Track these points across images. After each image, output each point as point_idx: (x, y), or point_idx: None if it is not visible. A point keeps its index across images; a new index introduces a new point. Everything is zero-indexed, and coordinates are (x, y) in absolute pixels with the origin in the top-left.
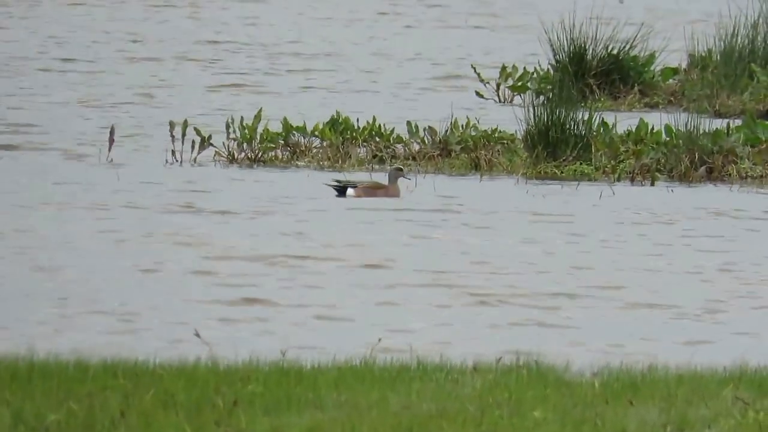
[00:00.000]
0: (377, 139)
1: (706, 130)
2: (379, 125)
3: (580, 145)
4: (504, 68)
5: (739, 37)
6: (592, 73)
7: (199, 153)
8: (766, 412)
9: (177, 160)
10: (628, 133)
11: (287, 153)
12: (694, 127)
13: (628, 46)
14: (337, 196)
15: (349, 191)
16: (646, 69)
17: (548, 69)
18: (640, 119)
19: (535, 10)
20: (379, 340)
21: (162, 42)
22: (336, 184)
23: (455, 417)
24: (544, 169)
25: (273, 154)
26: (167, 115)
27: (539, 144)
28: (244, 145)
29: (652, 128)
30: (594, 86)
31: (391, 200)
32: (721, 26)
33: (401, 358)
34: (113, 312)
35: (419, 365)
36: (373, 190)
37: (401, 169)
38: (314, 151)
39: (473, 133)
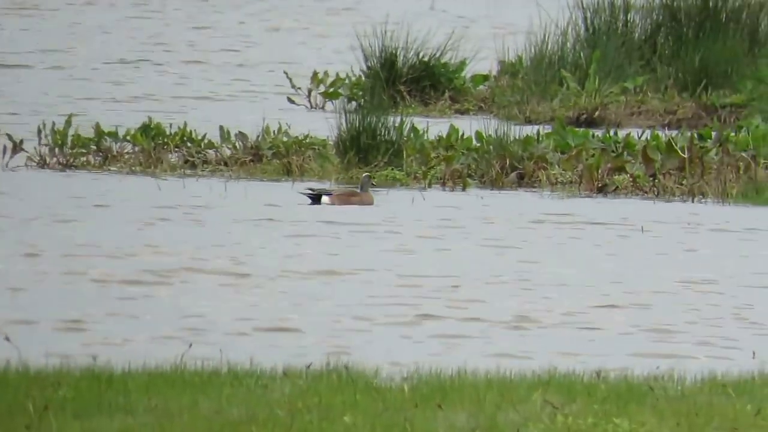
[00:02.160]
0: (189, 144)
1: (517, 137)
2: (191, 131)
3: (391, 151)
4: (315, 74)
5: (549, 44)
6: (403, 79)
7: (11, 158)
8: (575, 416)
9: None
10: (439, 139)
11: (99, 158)
12: (504, 133)
13: (439, 53)
14: (311, 204)
15: (324, 199)
16: (456, 75)
17: (360, 75)
18: (451, 125)
19: (346, 17)
20: (190, 345)
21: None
22: (310, 192)
23: (265, 422)
24: (355, 175)
25: (85, 159)
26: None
27: (350, 150)
28: (56, 150)
29: (463, 134)
30: (405, 92)
31: (367, 207)
32: (532, 33)
33: (211, 363)
34: None
35: (230, 370)
36: (348, 197)
37: (371, 177)
38: (126, 156)
39: (285, 139)
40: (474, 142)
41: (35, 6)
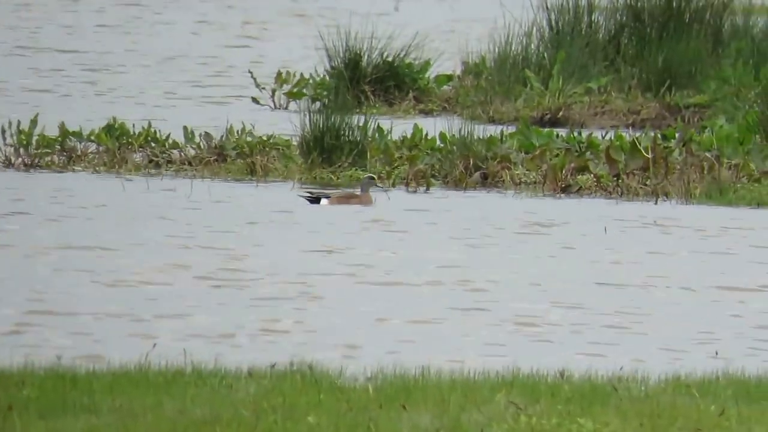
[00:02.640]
0: (153, 144)
1: (481, 137)
2: (155, 131)
3: (355, 151)
4: (279, 74)
5: (513, 44)
6: (368, 79)
7: None
8: (539, 417)
9: None
10: (403, 139)
11: (64, 158)
12: (468, 133)
13: (403, 53)
14: (310, 204)
15: (324, 201)
16: (420, 76)
17: (324, 75)
18: (415, 125)
19: (311, 17)
20: (154, 345)
21: None
22: (309, 195)
23: (230, 422)
24: (319, 175)
25: (49, 159)
26: None
27: (314, 150)
28: (21, 150)
29: (427, 134)
30: (369, 93)
31: (365, 208)
32: (495, 33)
33: (176, 363)
34: None
35: (194, 370)
36: (347, 199)
37: (374, 178)
38: (91, 156)
39: (249, 139)
40: (438, 142)
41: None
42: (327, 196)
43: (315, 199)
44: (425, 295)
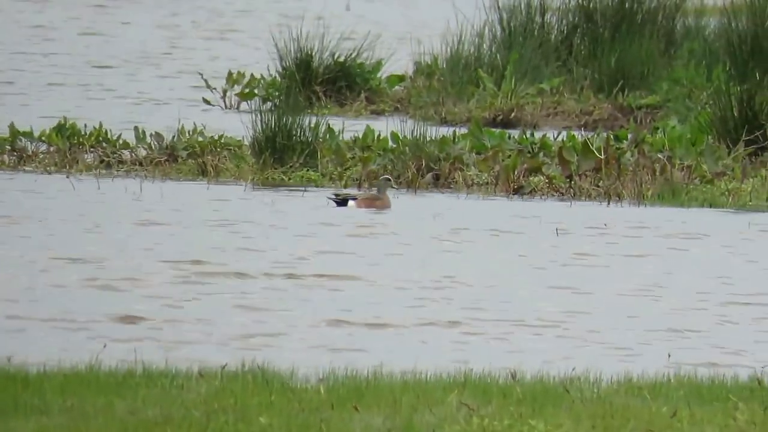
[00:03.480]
0: (104, 144)
1: (433, 138)
2: (106, 131)
3: (306, 152)
4: (230, 74)
5: (465, 45)
6: (319, 80)
7: None
8: (491, 418)
9: None
10: (355, 140)
11: (14, 158)
12: (420, 134)
13: (354, 54)
14: (337, 206)
15: (351, 203)
16: (372, 76)
17: (275, 76)
18: (367, 126)
19: (261, 17)
20: (105, 345)
21: None
22: (335, 197)
23: (181, 423)
24: (271, 176)
25: (0, 159)
26: None
27: (266, 150)
28: None
29: (379, 135)
30: (321, 93)
31: (386, 210)
32: (448, 34)
33: (127, 363)
34: None
35: (145, 371)
36: (372, 201)
37: (389, 179)
38: (41, 156)
39: (200, 139)
40: (390, 143)
41: None
42: (353, 198)
43: (342, 202)
44: (379, 295)
